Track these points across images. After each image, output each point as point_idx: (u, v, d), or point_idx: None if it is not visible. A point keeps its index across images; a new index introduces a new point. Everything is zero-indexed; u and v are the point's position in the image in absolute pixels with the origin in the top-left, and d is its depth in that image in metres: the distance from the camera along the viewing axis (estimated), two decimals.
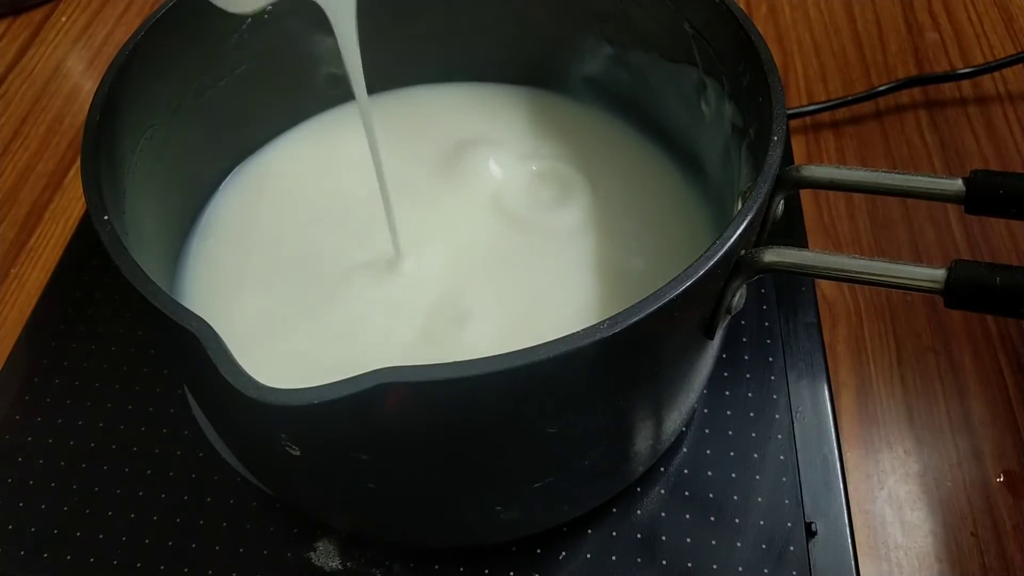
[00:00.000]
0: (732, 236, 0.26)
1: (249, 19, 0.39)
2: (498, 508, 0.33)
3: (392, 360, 0.23)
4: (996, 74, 0.57)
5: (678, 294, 0.25)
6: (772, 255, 0.28)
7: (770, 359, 0.43)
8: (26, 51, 0.64)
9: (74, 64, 0.63)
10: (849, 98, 0.55)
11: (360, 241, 0.39)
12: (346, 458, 0.28)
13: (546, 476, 0.32)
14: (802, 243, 0.48)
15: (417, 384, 0.23)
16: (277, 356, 0.36)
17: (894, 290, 0.46)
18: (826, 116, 0.56)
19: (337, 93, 0.45)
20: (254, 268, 0.40)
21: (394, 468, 0.29)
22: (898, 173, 0.31)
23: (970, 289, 0.26)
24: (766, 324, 0.44)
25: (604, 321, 0.24)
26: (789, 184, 0.31)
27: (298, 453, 0.27)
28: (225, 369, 0.23)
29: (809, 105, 0.55)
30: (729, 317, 0.30)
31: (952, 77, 0.56)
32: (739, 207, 0.28)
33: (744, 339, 0.44)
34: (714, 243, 0.26)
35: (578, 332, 0.24)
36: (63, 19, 0.67)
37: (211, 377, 0.23)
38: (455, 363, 0.23)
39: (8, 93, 0.61)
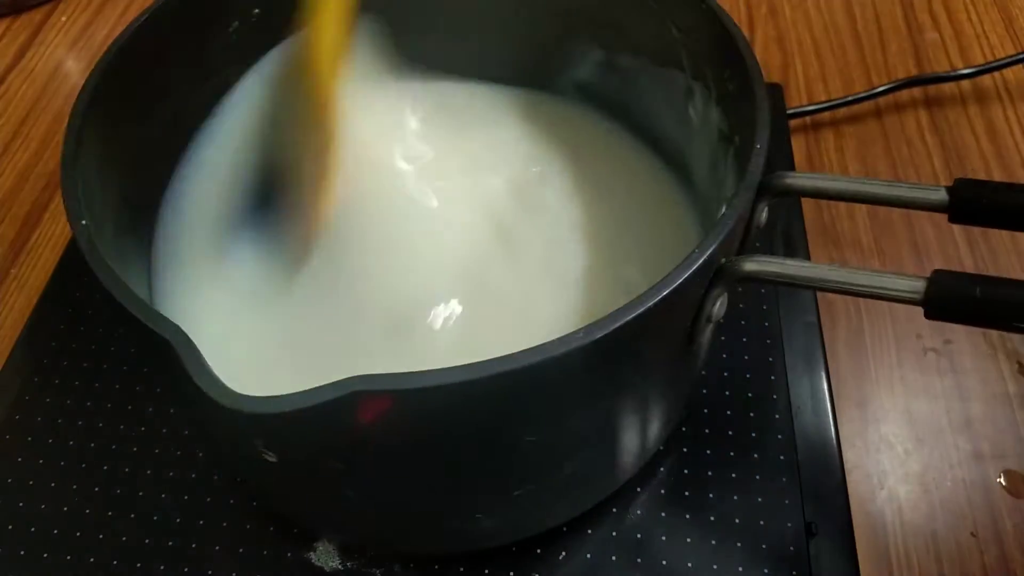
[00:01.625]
0: (711, 245, 0.26)
1: (236, 23, 0.39)
2: (478, 516, 0.33)
3: (371, 367, 0.23)
4: (996, 74, 0.57)
5: (655, 303, 0.24)
6: (753, 264, 0.28)
7: (770, 359, 0.43)
8: (26, 51, 0.64)
9: (74, 64, 0.63)
10: (849, 98, 0.55)
11: (349, 243, 0.39)
12: (321, 466, 0.28)
13: (525, 484, 0.31)
14: (801, 243, 0.48)
15: (392, 392, 0.23)
16: (260, 361, 0.35)
17: None
18: (826, 116, 0.56)
19: None
20: (240, 271, 0.39)
21: (370, 476, 0.29)
22: (881, 181, 0.30)
23: (950, 300, 0.26)
24: (766, 324, 0.44)
25: (580, 330, 0.24)
26: (773, 192, 0.31)
27: (274, 460, 0.26)
28: (199, 378, 0.23)
29: (809, 105, 0.55)
30: (711, 325, 0.30)
31: (952, 77, 0.56)
32: None
33: (744, 339, 0.44)
34: (693, 252, 0.26)
35: (553, 340, 0.23)
36: (63, 19, 0.67)
37: (186, 384, 0.23)
38: (430, 371, 0.23)
39: (8, 93, 0.61)
